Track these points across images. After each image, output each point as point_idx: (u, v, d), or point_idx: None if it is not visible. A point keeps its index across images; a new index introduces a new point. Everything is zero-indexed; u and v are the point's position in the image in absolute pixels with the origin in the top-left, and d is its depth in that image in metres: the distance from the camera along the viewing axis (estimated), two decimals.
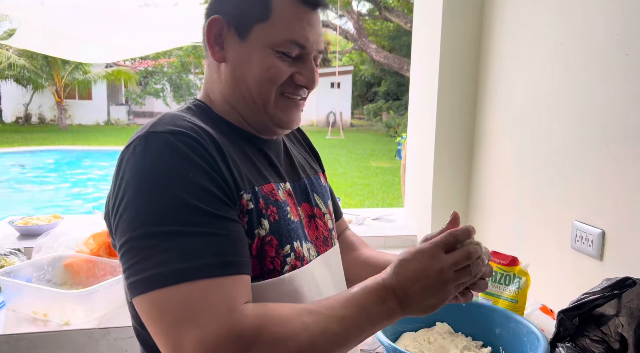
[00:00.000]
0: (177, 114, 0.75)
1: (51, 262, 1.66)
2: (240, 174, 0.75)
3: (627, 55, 1.17)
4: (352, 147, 14.72)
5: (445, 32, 1.84)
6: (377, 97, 23.94)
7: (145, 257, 0.63)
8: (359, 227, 2.30)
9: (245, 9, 0.79)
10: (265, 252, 0.76)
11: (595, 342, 1.16)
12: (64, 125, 18.26)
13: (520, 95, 1.63)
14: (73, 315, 1.44)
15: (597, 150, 1.27)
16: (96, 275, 1.65)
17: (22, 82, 17.51)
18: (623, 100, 1.19)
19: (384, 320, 0.69)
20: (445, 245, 0.69)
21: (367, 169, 11.11)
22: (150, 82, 21.13)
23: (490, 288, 1.32)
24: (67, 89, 18.29)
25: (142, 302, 0.64)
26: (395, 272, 0.70)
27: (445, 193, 1.97)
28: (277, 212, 0.78)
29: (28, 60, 16.24)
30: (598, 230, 1.27)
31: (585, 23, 1.31)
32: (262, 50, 0.78)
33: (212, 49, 0.81)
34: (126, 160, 0.69)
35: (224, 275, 0.64)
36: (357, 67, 24.22)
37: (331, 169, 10.90)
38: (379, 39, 20.13)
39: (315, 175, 0.99)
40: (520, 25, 1.62)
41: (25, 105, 19.27)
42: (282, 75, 0.80)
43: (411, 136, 2.23)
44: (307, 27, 0.80)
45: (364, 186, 9.11)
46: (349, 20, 15.55)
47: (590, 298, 1.16)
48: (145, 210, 0.65)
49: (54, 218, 2.12)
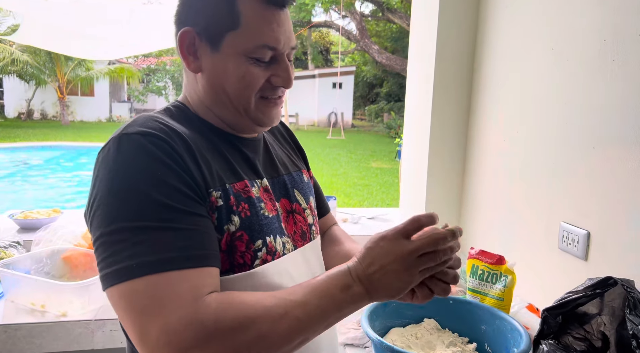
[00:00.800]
0: (150, 116, 0.79)
1: (50, 255, 1.68)
2: (211, 172, 0.77)
3: (614, 61, 1.20)
4: (352, 148, 14.75)
5: (441, 39, 1.87)
6: (378, 98, 23.99)
7: (116, 250, 0.66)
8: (354, 226, 2.33)
9: (215, 19, 0.80)
10: (235, 247, 0.78)
11: (578, 339, 1.19)
12: (66, 121, 18.32)
13: (512, 99, 1.66)
14: (70, 307, 1.47)
15: (584, 153, 1.30)
16: (94, 269, 1.68)
17: (25, 78, 17.57)
18: (609, 105, 1.22)
19: (350, 304, 0.71)
20: (407, 231, 0.71)
21: (367, 169, 11.13)
22: (153, 80, 21.19)
23: (477, 286, 1.36)
24: (69, 86, 18.35)
25: (112, 293, 0.67)
26: (360, 258, 0.72)
27: (439, 194, 2.00)
28: (249, 208, 0.81)
29: (31, 56, 16.30)
30: (583, 231, 1.30)
31: (575, 29, 1.34)
32: (236, 58, 0.80)
33: (186, 60, 0.83)
34: (101, 160, 0.73)
35: (190, 267, 0.67)
36: (359, 68, 24.26)
37: (331, 169, 10.93)
38: (381, 40, 20.17)
39: (298, 171, 1.01)
40: (513, 30, 1.65)
41: (27, 100, 19.34)
42: (258, 81, 0.82)
43: (407, 138, 2.26)
44: (277, 28, 0.81)
45: (363, 186, 9.14)
46: (351, 21, 15.58)
47: (574, 297, 1.19)
48: (117, 207, 0.69)
49: (53, 212, 2.15)
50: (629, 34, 1.16)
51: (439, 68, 1.90)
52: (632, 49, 1.15)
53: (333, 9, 16.59)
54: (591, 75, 1.28)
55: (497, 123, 1.76)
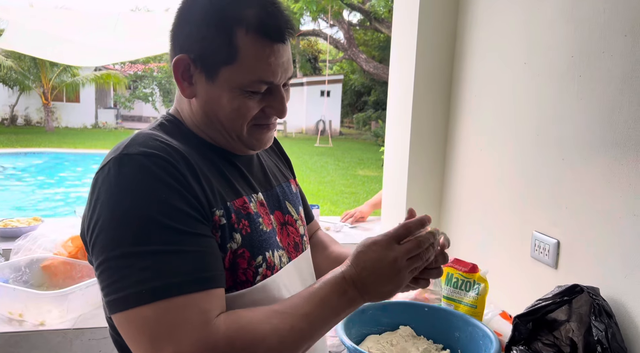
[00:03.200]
0: (149, 134, 0.78)
1: (29, 263, 1.68)
2: (212, 191, 0.77)
3: (580, 77, 1.25)
4: (340, 156, 14.80)
5: (420, 52, 1.91)
6: (366, 107, 24.12)
7: (123, 276, 0.66)
8: (336, 235, 2.35)
9: (212, 51, 0.77)
10: (237, 264, 0.79)
11: (547, 345, 1.22)
12: (50, 127, 18.11)
13: (488, 111, 1.71)
14: (48, 316, 1.47)
15: (554, 164, 1.35)
16: (73, 277, 1.68)
17: (8, 83, 17.35)
18: (576, 118, 1.27)
19: (346, 308, 0.75)
20: (398, 236, 0.75)
21: (354, 177, 11.18)
22: (140, 86, 21.08)
23: (451, 294, 1.39)
24: (54, 92, 18.15)
25: (120, 319, 0.67)
26: (353, 263, 0.76)
27: (418, 203, 2.03)
28: (249, 224, 0.82)
29: (16, 62, 16.12)
30: (554, 240, 1.34)
31: (545, 45, 1.39)
32: (231, 91, 0.79)
33: (180, 86, 0.81)
34: (101, 181, 0.72)
35: (198, 290, 0.68)
36: (347, 76, 24.40)
37: (318, 176, 10.95)
38: (369, 49, 20.33)
39: (287, 182, 1.03)
40: (489, 44, 1.70)
41: (11, 106, 19.08)
42: (252, 112, 0.82)
43: (388, 149, 2.29)
44: (274, 61, 0.79)
45: (350, 194, 9.17)
46: (339, 30, 15.70)
47: (543, 304, 1.23)
48: (121, 231, 0.68)
49: (33, 220, 2.14)
50: (594, 51, 1.20)
51: (419, 80, 1.94)
52: (597, 66, 1.20)
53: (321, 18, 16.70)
54: (560, 89, 1.33)
55: (474, 134, 1.80)
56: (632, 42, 1.09)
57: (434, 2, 1.88)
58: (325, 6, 12.34)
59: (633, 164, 1.09)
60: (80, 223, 0.77)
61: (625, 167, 1.11)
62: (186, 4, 0.81)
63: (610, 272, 1.16)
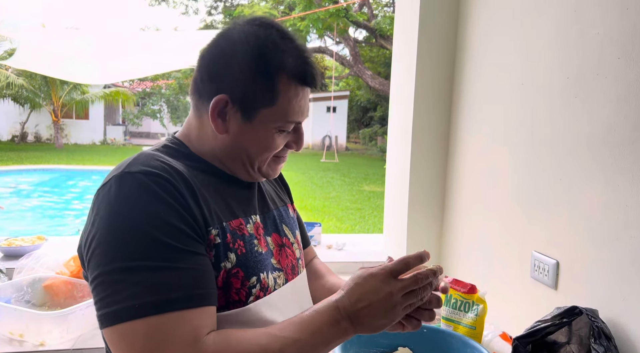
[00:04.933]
0: (151, 154, 0.80)
1: (31, 283, 1.69)
2: (210, 210, 0.79)
3: (576, 98, 1.26)
4: (346, 171, 14.81)
5: (420, 73, 1.93)
6: (372, 122, 24.19)
7: (116, 290, 0.67)
8: (338, 253, 2.35)
9: (253, 93, 0.82)
10: (230, 283, 0.80)
11: None
12: (60, 144, 18.32)
13: (486, 132, 1.71)
14: (49, 336, 1.47)
15: (552, 184, 1.35)
16: (75, 297, 1.68)
17: (19, 101, 17.62)
18: (572, 139, 1.27)
19: (337, 339, 0.75)
20: (396, 271, 0.75)
21: (360, 193, 11.16)
22: (148, 103, 21.31)
23: (450, 315, 1.38)
24: (64, 109, 18.41)
25: (111, 333, 0.68)
26: (347, 294, 0.75)
27: (419, 222, 2.03)
28: (245, 245, 0.83)
29: (27, 80, 16.40)
30: (553, 260, 1.33)
31: (541, 66, 1.40)
32: (266, 130, 0.84)
33: (214, 122, 0.83)
34: (101, 198, 0.74)
35: (190, 307, 0.69)
36: (353, 92, 24.53)
37: (324, 192, 10.95)
38: (375, 65, 20.45)
39: (284, 206, 1.05)
40: (488, 65, 1.71)
41: (21, 124, 19.36)
42: (279, 147, 0.88)
43: (389, 166, 2.30)
44: (304, 104, 0.86)
45: (356, 210, 9.15)
46: (345, 46, 15.86)
47: (542, 326, 1.22)
48: (117, 246, 0.70)
49: (37, 239, 2.16)
50: (589, 72, 1.21)
51: (418, 99, 1.95)
52: (592, 87, 1.20)
53: (327, 35, 16.88)
54: (556, 110, 1.33)
55: (474, 154, 1.81)
56: (625, 65, 1.10)
57: (434, 22, 1.91)
58: (331, 24, 12.48)
59: (629, 185, 1.09)
60: (79, 239, 0.79)
61: (622, 188, 1.11)
62: (224, 43, 0.85)
63: (609, 294, 1.15)
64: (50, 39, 5.80)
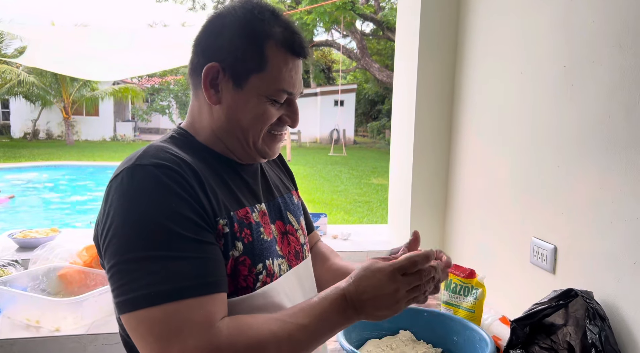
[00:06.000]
0: (160, 146, 0.84)
1: (46, 272, 1.75)
2: (218, 201, 0.83)
3: (573, 85, 1.28)
4: (354, 164, 14.82)
5: (422, 65, 1.96)
6: (380, 115, 24.13)
7: (133, 279, 0.71)
8: (343, 242, 2.39)
9: (243, 59, 0.84)
10: (238, 270, 0.83)
11: (545, 349, 1.24)
12: (71, 141, 18.54)
13: (487, 122, 1.74)
14: (64, 322, 1.53)
15: (550, 171, 1.37)
16: (88, 285, 1.74)
17: (31, 99, 17.85)
18: (570, 126, 1.30)
19: (342, 325, 0.79)
20: (403, 269, 0.78)
21: (368, 186, 11.18)
22: (157, 99, 21.46)
23: (450, 299, 1.41)
24: (74, 106, 18.61)
25: (129, 319, 0.72)
26: (355, 284, 0.79)
27: (422, 212, 2.06)
28: (251, 233, 0.87)
29: (37, 78, 16.60)
30: (551, 245, 1.36)
31: (539, 55, 1.42)
32: (257, 98, 0.86)
33: (207, 93, 0.86)
34: (114, 189, 0.77)
35: (204, 294, 0.73)
36: (360, 86, 24.48)
37: (332, 186, 10.98)
38: (382, 58, 20.38)
39: (289, 193, 1.08)
40: (489, 55, 1.73)
41: (33, 121, 19.61)
42: (272, 118, 0.89)
43: (393, 157, 2.33)
44: (295, 75, 0.88)
45: (364, 203, 9.18)
46: (352, 40, 15.81)
47: (540, 308, 1.25)
48: (132, 237, 0.73)
49: (51, 231, 2.22)
50: (585, 60, 1.24)
51: (421, 93, 1.98)
52: (588, 75, 1.23)
53: (334, 29, 16.83)
54: (554, 98, 1.36)
55: (475, 143, 1.83)
56: (619, 52, 1.12)
57: (435, 15, 1.93)
58: (337, 17, 12.46)
59: (623, 169, 1.11)
60: (94, 229, 0.83)
61: (616, 173, 1.13)
62: (215, 20, 0.89)
63: (603, 276, 1.17)
64: (59, 36, 5.87)
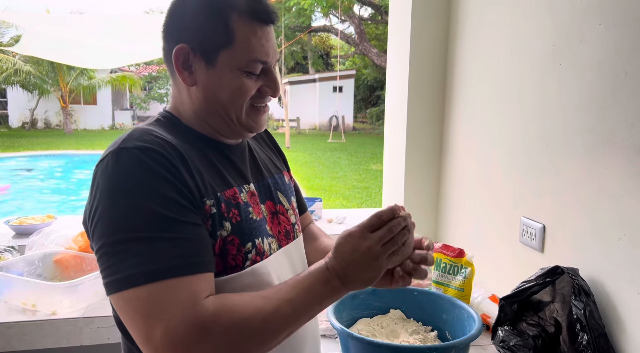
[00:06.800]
0: (145, 129, 0.84)
1: (42, 257, 1.77)
2: (204, 182, 0.83)
3: (561, 65, 1.28)
4: (353, 151, 14.82)
5: (414, 47, 1.95)
6: (379, 101, 24.03)
7: (119, 260, 0.72)
8: (339, 226, 2.40)
9: (209, 36, 0.83)
10: (227, 250, 0.84)
11: (532, 325, 1.26)
12: (69, 130, 18.50)
13: (479, 101, 1.74)
14: (60, 306, 1.55)
15: (539, 151, 1.38)
16: (83, 270, 1.76)
17: (28, 88, 17.77)
18: (557, 106, 1.30)
19: (330, 297, 0.80)
20: (371, 226, 0.79)
21: (367, 172, 11.20)
22: (155, 87, 21.39)
23: (440, 278, 1.43)
24: (72, 95, 18.54)
25: (117, 299, 0.73)
26: (334, 255, 0.81)
27: (416, 195, 2.07)
28: (239, 213, 0.87)
29: (34, 67, 16.51)
30: (539, 224, 1.37)
31: (528, 35, 1.42)
32: (231, 73, 0.85)
33: (182, 75, 0.86)
34: (100, 173, 0.78)
35: (188, 274, 0.74)
36: (359, 71, 24.34)
37: (331, 172, 11.00)
38: (380, 43, 20.22)
39: (280, 174, 1.08)
40: (480, 36, 1.73)
41: (31, 110, 19.55)
42: (251, 91, 0.88)
43: (387, 141, 2.34)
44: (266, 43, 0.86)
45: (362, 189, 9.21)
46: (350, 24, 15.68)
47: (527, 286, 1.27)
48: (118, 219, 0.73)
49: (47, 218, 2.24)
50: (572, 40, 1.23)
51: (413, 76, 1.98)
52: (575, 54, 1.22)
53: (332, 14, 16.68)
54: (543, 78, 1.36)
55: (468, 125, 1.83)
56: (606, 31, 1.12)
57: None
58: (335, 1, 12.35)
59: (607, 149, 1.12)
60: (83, 213, 0.83)
61: (601, 152, 1.14)
62: (177, 1, 0.88)
63: (589, 253, 1.19)
64: (55, 23, 5.83)
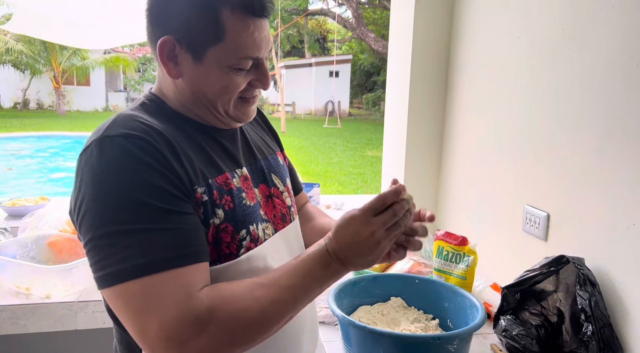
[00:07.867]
0: (130, 115, 0.79)
1: (35, 240, 1.73)
2: (194, 169, 0.79)
3: (572, 49, 1.24)
4: (348, 137, 14.76)
5: (417, 30, 1.91)
6: (376, 87, 23.89)
7: (108, 254, 0.69)
8: (336, 212, 2.38)
9: (198, 31, 0.78)
10: (220, 238, 0.81)
11: (534, 315, 1.25)
12: (62, 111, 18.28)
13: (483, 88, 1.70)
14: (54, 289, 1.53)
15: (545, 138, 1.35)
16: (78, 253, 1.73)
17: (20, 68, 17.50)
18: (566, 92, 1.27)
19: (330, 280, 0.78)
20: (375, 209, 0.77)
21: (362, 158, 11.17)
22: (149, 69, 21.12)
23: (442, 266, 1.41)
24: (65, 75, 18.27)
25: (109, 294, 0.70)
26: (334, 237, 0.78)
27: (416, 182, 2.05)
28: (232, 200, 0.84)
29: (26, 46, 16.21)
30: (544, 213, 1.35)
31: (537, 18, 1.38)
32: (219, 70, 0.80)
33: (166, 67, 0.81)
34: (84, 163, 0.74)
35: (181, 265, 0.71)
36: (356, 56, 24.15)
37: (326, 157, 10.96)
38: (378, 28, 20.04)
39: (273, 154, 1.04)
40: (485, 20, 1.69)
41: (23, 90, 19.27)
42: (239, 87, 0.84)
43: (387, 127, 2.30)
44: (258, 37, 0.81)
45: (358, 175, 9.18)
46: (348, 8, 15.51)
47: (531, 275, 1.25)
48: (105, 211, 0.70)
49: (41, 199, 2.20)
50: (584, 23, 1.20)
51: (416, 57, 1.93)
52: (588, 38, 1.19)
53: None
54: (551, 63, 1.32)
55: (471, 110, 1.80)
56: (620, 14, 1.08)
57: None
58: None
59: (618, 136, 1.09)
60: (69, 203, 0.80)
61: (611, 139, 1.11)
62: None
63: (595, 242, 1.17)
64: (47, 2, 5.69)
